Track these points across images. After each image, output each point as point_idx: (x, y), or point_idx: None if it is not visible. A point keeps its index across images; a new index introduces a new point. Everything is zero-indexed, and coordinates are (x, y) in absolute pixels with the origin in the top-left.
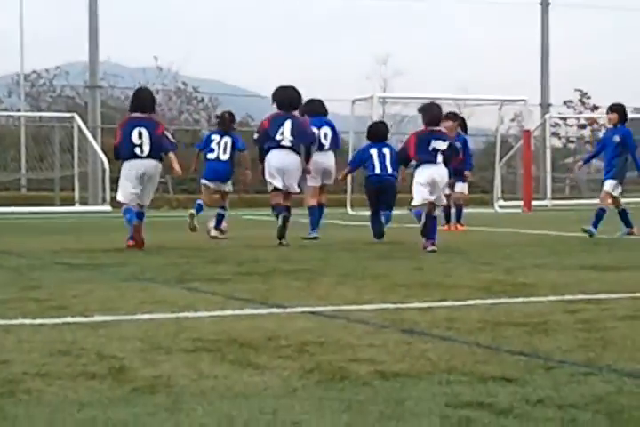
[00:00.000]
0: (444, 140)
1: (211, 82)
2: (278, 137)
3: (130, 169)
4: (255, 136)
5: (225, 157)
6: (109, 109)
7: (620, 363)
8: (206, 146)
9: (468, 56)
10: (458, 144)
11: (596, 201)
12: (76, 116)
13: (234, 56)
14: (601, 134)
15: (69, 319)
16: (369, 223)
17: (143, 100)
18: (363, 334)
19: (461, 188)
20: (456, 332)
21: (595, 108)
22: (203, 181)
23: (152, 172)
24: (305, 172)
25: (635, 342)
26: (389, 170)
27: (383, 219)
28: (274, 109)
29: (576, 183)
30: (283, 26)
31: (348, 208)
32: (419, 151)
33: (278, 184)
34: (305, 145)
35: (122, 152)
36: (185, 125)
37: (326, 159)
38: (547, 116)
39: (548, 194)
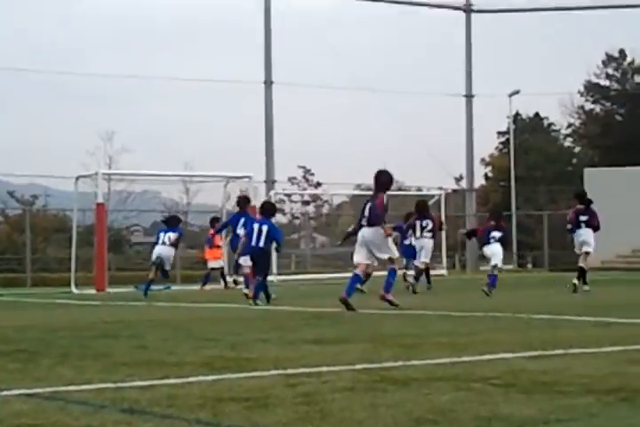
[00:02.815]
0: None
1: None
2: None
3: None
4: None
5: None
6: None
7: None
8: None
9: (194, 133)
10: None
11: (320, 275)
12: None
13: None
14: (325, 210)
15: None
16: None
17: (375, 180)
18: (80, 415)
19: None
20: (177, 409)
21: (318, 184)
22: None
23: (368, 236)
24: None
25: (352, 413)
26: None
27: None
28: None
29: (302, 259)
30: None
31: (73, 287)
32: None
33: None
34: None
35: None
36: None
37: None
38: (272, 192)
39: (274, 269)
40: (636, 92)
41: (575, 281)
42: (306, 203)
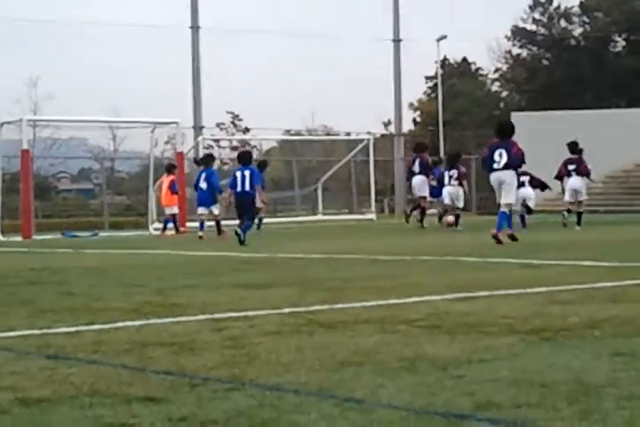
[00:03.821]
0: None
1: None
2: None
3: (492, 179)
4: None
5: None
6: None
7: (262, 378)
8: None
9: (120, 79)
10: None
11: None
12: None
13: None
14: (255, 156)
15: None
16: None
17: (500, 127)
18: (5, 362)
19: None
20: (102, 355)
21: (246, 130)
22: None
23: (504, 178)
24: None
25: (278, 356)
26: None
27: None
28: None
29: (231, 204)
30: None
31: None
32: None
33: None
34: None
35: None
36: None
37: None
38: (199, 138)
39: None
40: (562, 37)
41: (565, 213)
42: (234, 148)
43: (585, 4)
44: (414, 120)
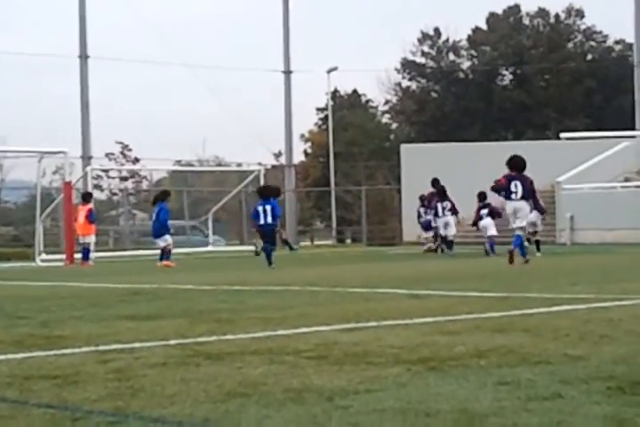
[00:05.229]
0: None
1: None
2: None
3: (509, 207)
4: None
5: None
6: None
7: (147, 410)
8: None
9: (7, 107)
10: None
11: (138, 252)
12: None
13: None
14: (144, 186)
15: None
16: None
17: (516, 163)
18: None
19: None
20: None
21: (136, 160)
22: None
23: (520, 207)
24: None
25: (164, 388)
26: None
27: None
28: None
29: (120, 235)
30: None
31: None
32: None
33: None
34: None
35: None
36: None
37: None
38: (88, 168)
39: (92, 247)
40: (450, 70)
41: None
42: (124, 179)
43: (473, 38)
44: (305, 151)
